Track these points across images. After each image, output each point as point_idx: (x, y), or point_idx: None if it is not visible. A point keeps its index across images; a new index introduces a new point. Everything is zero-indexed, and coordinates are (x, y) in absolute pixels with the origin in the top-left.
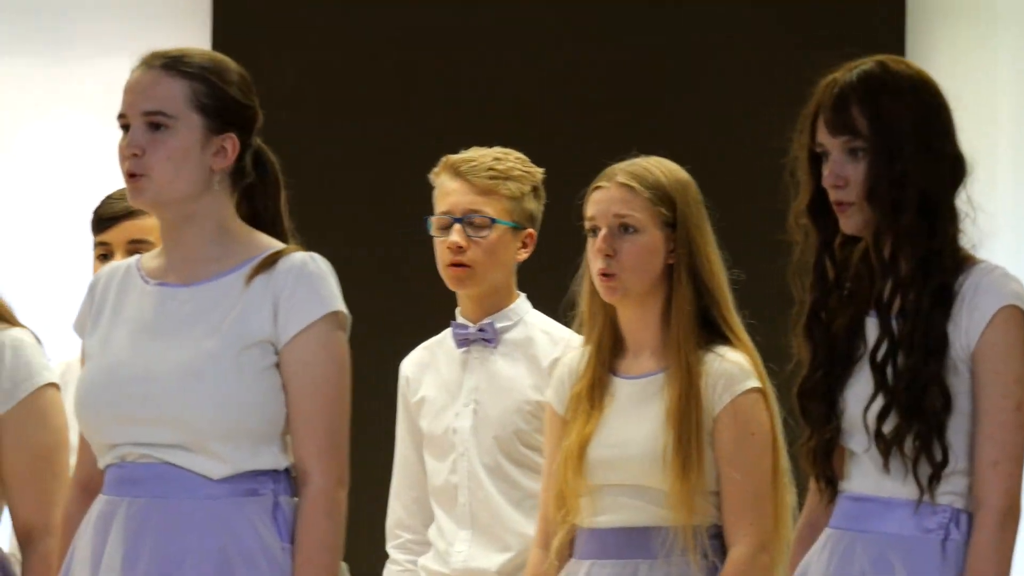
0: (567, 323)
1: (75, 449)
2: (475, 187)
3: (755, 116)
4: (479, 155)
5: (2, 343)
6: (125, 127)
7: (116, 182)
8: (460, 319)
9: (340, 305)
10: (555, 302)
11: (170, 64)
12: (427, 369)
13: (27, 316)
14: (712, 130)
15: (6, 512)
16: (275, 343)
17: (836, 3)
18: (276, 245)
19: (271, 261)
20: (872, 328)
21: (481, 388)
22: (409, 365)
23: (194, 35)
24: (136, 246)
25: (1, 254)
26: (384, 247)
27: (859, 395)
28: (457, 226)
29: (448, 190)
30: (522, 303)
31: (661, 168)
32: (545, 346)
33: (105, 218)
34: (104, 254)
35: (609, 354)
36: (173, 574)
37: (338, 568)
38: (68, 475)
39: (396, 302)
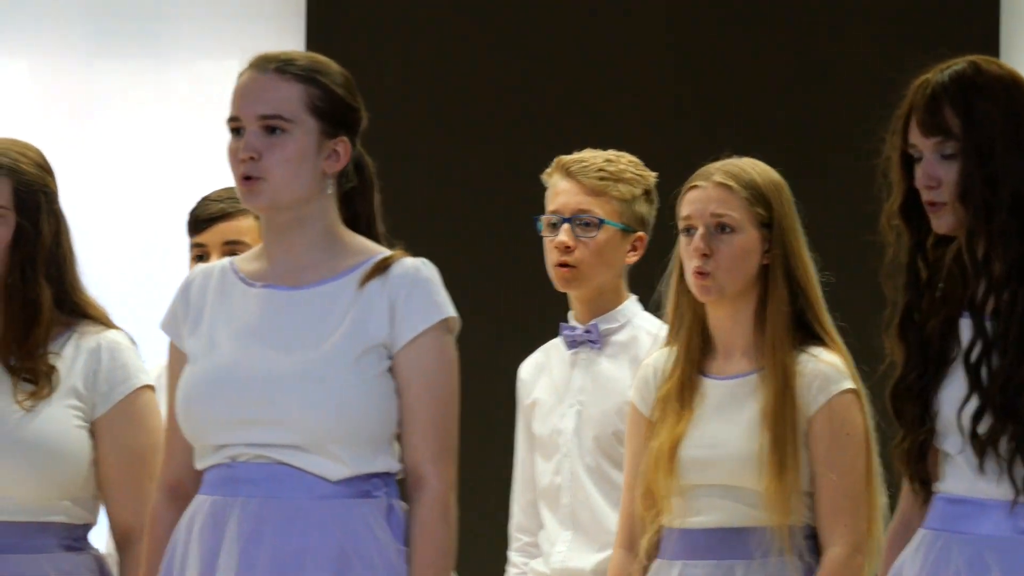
0: None
1: None
2: (585, 187)
3: (848, 117)
4: (591, 156)
5: (99, 345)
6: (236, 130)
7: (214, 182)
8: (571, 320)
9: (452, 311)
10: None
11: (282, 67)
12: (542, 371)
13: (123, 318)
14: (805, 132)
15: (103, 513)
16: (389, 347)
17: (929, 4)
18: (383, 250)
19: (384, 266)
20: (966, 329)
21: (586, 389)
22: (526, 368)
23: (289, 36)
24: (232, 247)
25: (98, 256)
26: (499, 247)
27: (953, 396)
28: (566, 226)
29: (559, 190)
30: (631, 305)
31: (756, 169)
32: (648, 347)
33: (201, 219)
34: (200, 255)
35: (698, 354)
36: (293, 572)
37: (452, 572)
38: None
39: (516, 305)
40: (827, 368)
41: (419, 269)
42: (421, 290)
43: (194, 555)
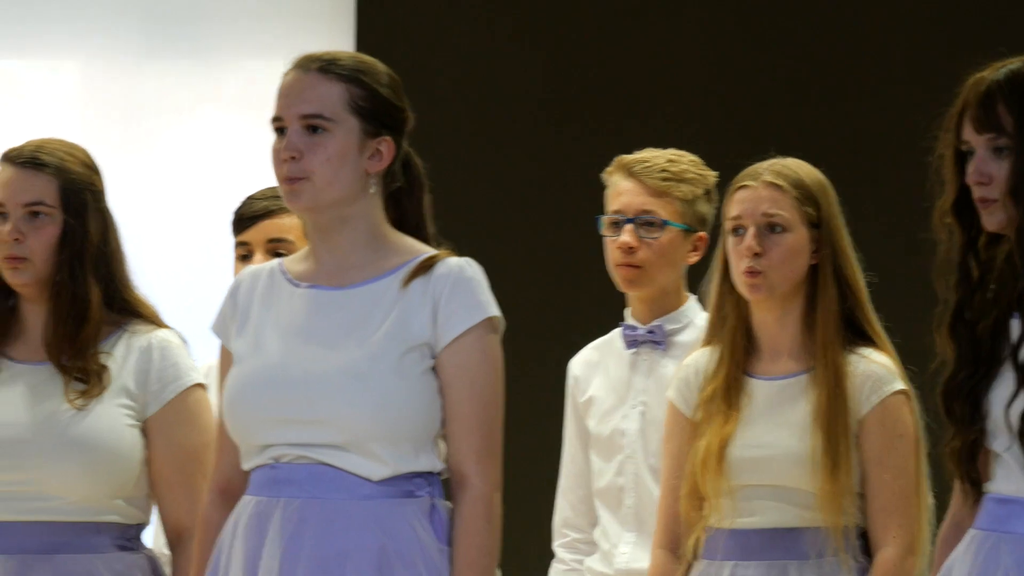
0: None
1: None
2: (648, 188)
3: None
4: (653, 156)
5: (150, 345)
6: (279, 130)
7: (260, 182)
8: (629, 320)
9: (495, 310)
10: None
11: (325, 67)
12: (596, 369)
13: (172, 317)
14: (847, 131)
15: (155, 512)
16: (433, 347)
17: (985, 2)
18: (428, 249)
19: (428, 265)
20: (1016, 328)
21: (649, 390)
22: (578, 365)
23: (338, 37)
24: (276, 245)
25: (146, 256)
26: (549, 247)
27: (1002, 396)
28: (629, 226)
29: (620, 190)
30: (692, 305)
31: (802, 168)
32: None
33: (245, 218)
34: (244, 254)
35: (743, 354)
36: (334, 574)
37: (495, 573)
38: None
39: (563, 302)
40: (879, 369)
41: (463, 268)
42: (464, 289)
43: (238, 556)
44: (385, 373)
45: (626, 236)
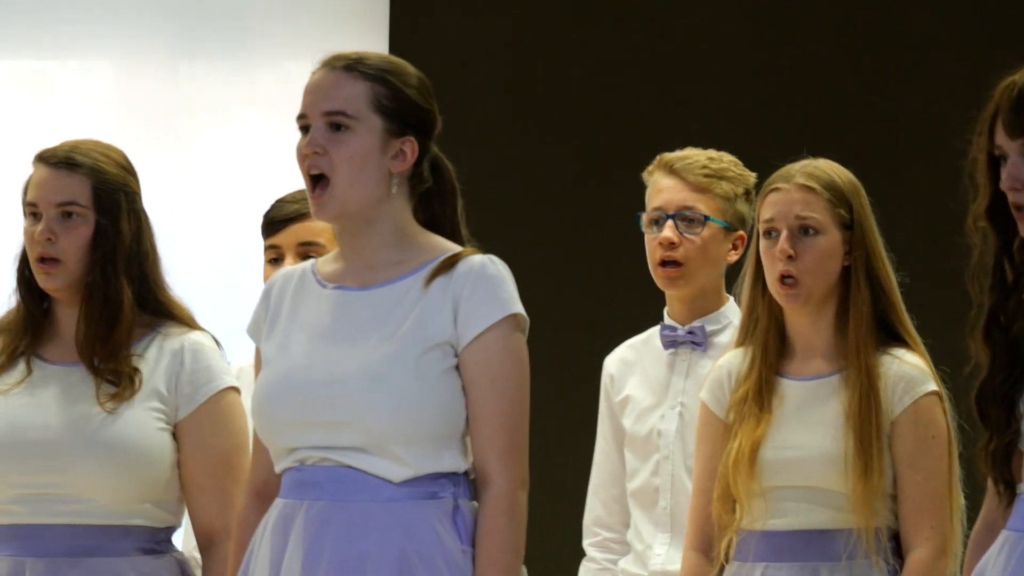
0: None
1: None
2: (689, 184)
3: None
4: (693, 154)
5: (182, 347)
6: (304, 128)
7: (294, 184)
8: (668, 320)
9: (519, 307)
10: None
11: (351, 66)
12: (633, 368)
13: (209, 321)
14: (878, 132)
15: (186, 515)
16: (455, 345)
17: (1018, 4)
18: (453, 247)
19: (450, 263)
20: None
21: (688, 391)
22: (613, 363)
23: (372, 38)
24: (307, 248)
25: (180, 257)
26: (581, 246)
27: None
28: (670, 222)
29: (661, 187)
30: (732, 306)
31: (834, 170)
32: None
33: (276, 221)
34: (275, 257)
35: (775, 356)
36: None
37: (519, 571)
38: None
39: (597, 301)
40: (911, 370)
41: (485, 265)
42: (485, 286)
43: (263, 558)
44: (402, 374)
45: (667, 231)
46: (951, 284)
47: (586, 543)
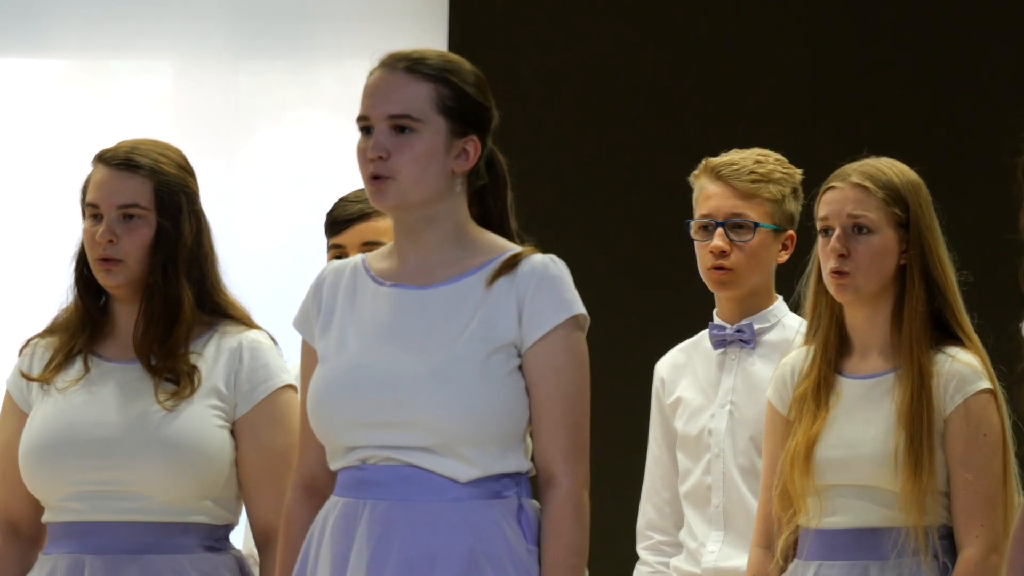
0: None
1: None
2: (737, 191)
3: (989, 116)
4: (740, 158)
5: (240, 345)
6: (365, 129)
7: (354, 184)
8: (717, 320)
9: (581, 307)
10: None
11: (412, 66)
12: (683, 370)
13: (263, 319)
14: (946, 130)
15: (243, 514)
16: (519, 346)
17: None
18: (513, 247)
19: (512, 263)
20: None
21: (738, 389)
22: (665, 366)
23: (431, 36)
24: (370, 248)
25: (243, 258)
26: (635, 246)
27: None
28: (720, 230)
29: (709, 193)
30: (781, 305)
31: (893, 169)
32: None
33: (340, 220)
34: (338, 255)
35: (835, 353)
36: (422, 575)
37: (584, 572)
38: None
39: (649, 303)
40: (963, 368)
41: (547, 266)
42: (549, 287)
43: (325, 558)
44: (472, 376)
45: (718, 240)
46: (1015, 282)
47: (639, 547)
